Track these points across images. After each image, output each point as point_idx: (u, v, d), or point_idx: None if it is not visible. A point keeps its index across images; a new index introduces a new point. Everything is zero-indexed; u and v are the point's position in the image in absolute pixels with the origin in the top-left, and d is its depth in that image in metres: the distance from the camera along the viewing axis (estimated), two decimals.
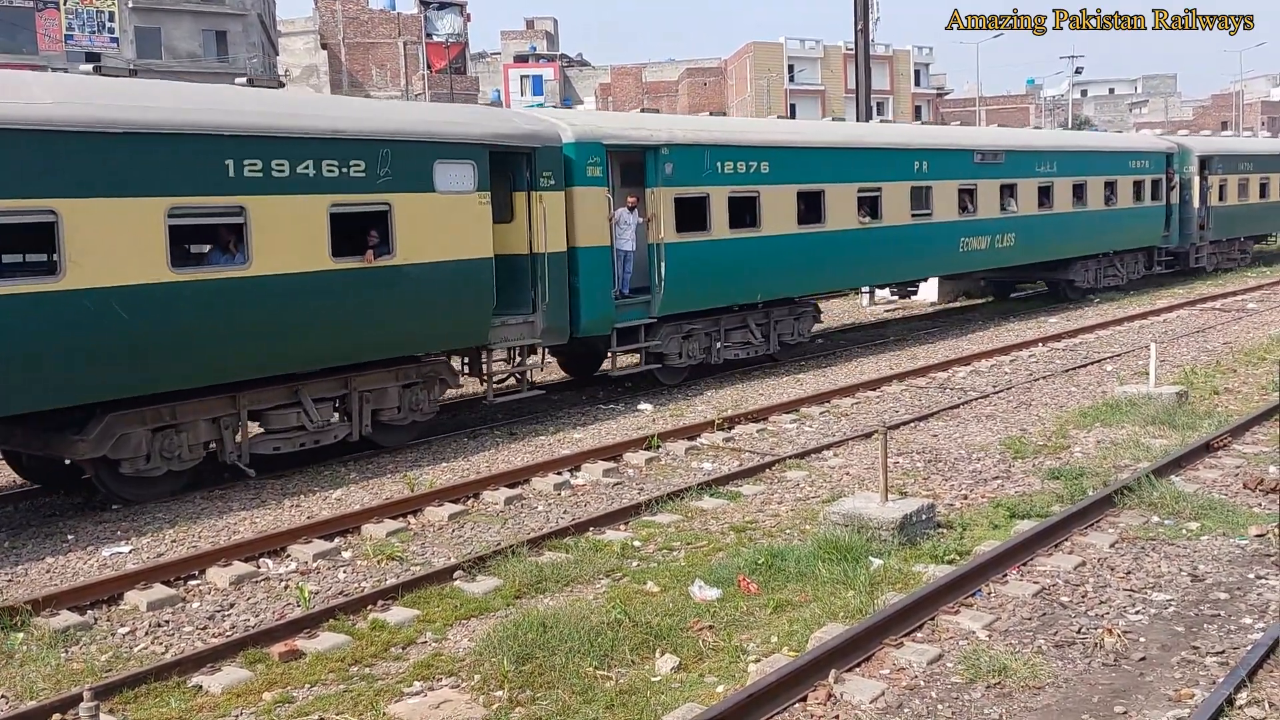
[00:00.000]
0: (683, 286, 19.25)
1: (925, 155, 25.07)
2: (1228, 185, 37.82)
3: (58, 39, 58.15)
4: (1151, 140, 37.61)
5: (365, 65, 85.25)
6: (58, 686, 8.15)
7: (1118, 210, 32.29)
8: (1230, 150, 39.66)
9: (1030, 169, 28.64)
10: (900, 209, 24.22)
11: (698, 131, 20.56)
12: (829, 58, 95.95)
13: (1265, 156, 41.74)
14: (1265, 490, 11.86)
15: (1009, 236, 27.55)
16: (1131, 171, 32.93)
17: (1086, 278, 31.77)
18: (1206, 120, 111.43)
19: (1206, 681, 7.53)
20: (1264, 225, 42.77)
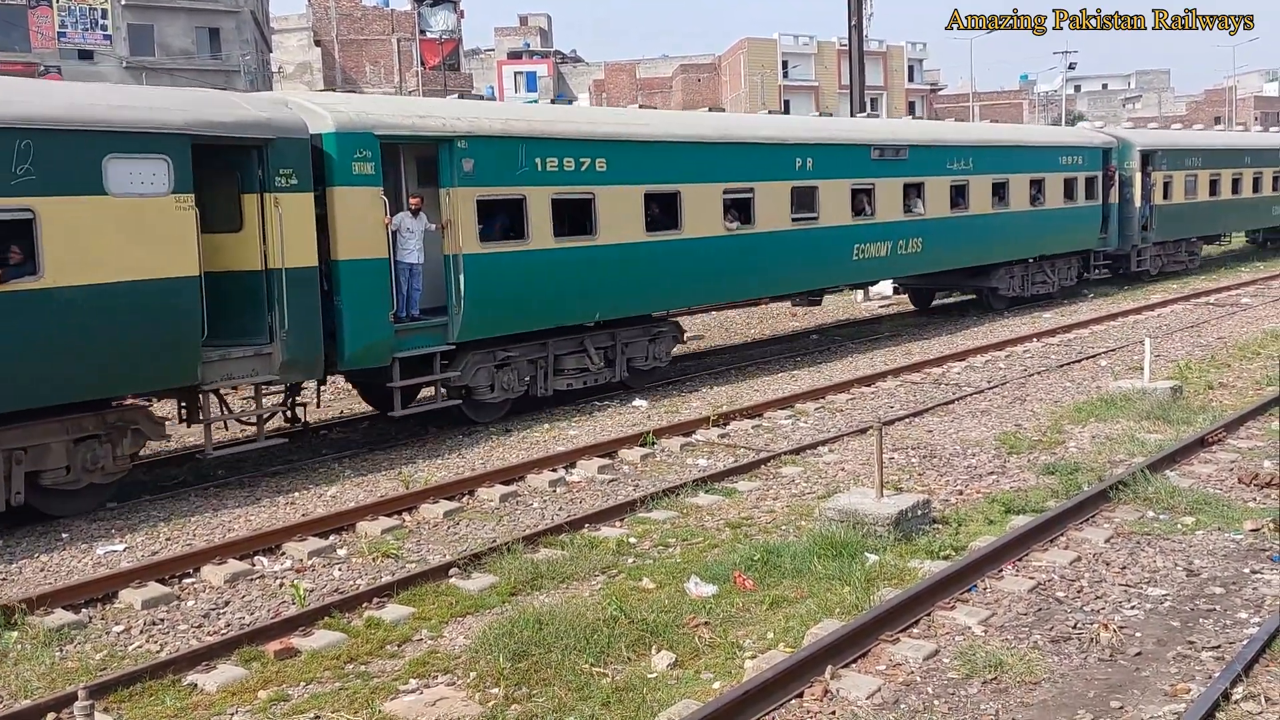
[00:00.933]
0: (490, 306, 16.13)
1: (810, 151, 22.12)
2: (1173, 182, 35.00)
3: (51, 36, 57.99)
4: (1085, 134, 34.34)
5: (359, 62, 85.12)
6: (52, 685, 8.14)
7: (1046, 211, 29.24)
8: (1176, 144, 36.56)
9: (940, 166, 25.62)
10: (778, 213, 21.32)
11: (509, 121, 17.13)
12: (823, 54, 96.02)
13: (1216, 151, 38.66)
14: (1260, 485, 11.88)
15: (915, 242, 24.56)
16: (1062, 168, 29.99)
17: (1011, 285, 28.90)
18: (1200, 115, 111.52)
19: (1202, 676, 7.53)
20: (1215, 225, 39.21)
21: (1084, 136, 33.28)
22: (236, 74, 61.82)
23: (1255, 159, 40.60)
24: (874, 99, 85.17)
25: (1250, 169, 39.84)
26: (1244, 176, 39.44)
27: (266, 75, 71.07)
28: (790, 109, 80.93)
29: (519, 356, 17.04)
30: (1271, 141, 44.65)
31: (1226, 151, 39.35)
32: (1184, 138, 40.20)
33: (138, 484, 13.96)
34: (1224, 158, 38.56)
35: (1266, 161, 41.31)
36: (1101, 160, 31.82)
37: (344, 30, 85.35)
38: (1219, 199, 37.86)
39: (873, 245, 23.61)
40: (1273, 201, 41.48)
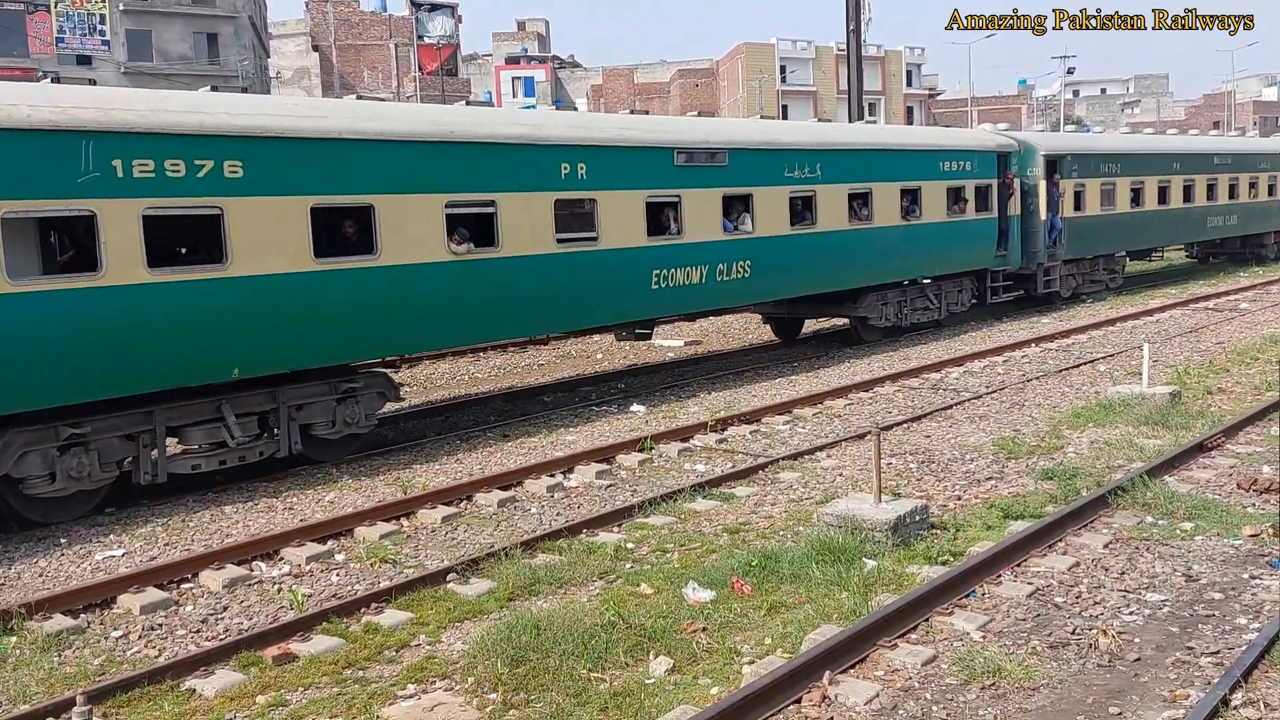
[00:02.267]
0: (38, 366, 11.84)
1: (584, 155, 17.58)
2: (1087, 192, 31.20)
3: (49, 42, 58.07)
4: (976, 136, 29.42)
5: (357, 67, 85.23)
6: (51, 691, 8.12)
7: (924, 226, 24.76)
8: (1088, 149, 32.64)
9: (774, 174, 21.22)
10: (535, 232, 16.66)
11: (64, 110, 12.10)
12: (821, 58, 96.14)
13: (1138, 156, 34.43)
14: (1259, 490, 11.87)
15: (741, 265, 20.26)
16: (945, 176, 25.45)
17: (885, 313, 24.67)
18: (1198, 120, 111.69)
19: (1201, 682, 7.53)
20: (1138, 239, 34.83)
21: (973, 139, 28.47)
22: (234, 79, 61.87)
23: (1187, 165, 36.18)
24: (872, 104, 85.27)
25: (1180, 176, 35.55)
26: (1173, 185, 35.20)
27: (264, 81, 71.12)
28: (788, 114, 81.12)
29: (100, 433, 12.74)
30: (1205, 146, 40.15)
31: (1151, 157, 35.16)
32: (1098, 141, 37.32)
33: (134, 490, 13.95)
34: (1149, 164, 34.52)
35: (1199, 168, 36.88)
36: (996, 167, 27.55)
37: (342, 35, 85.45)
38: (1143, 210, 33.89)
39: (680, 270, 19.09)
40: (1207, 212, 37.35)
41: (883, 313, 24.59)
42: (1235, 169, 38.70)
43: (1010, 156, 28.25)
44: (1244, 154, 40.19)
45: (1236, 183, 38.69)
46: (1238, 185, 38.79)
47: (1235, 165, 38.85)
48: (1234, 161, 38.91)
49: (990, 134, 29.65)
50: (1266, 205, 41.38)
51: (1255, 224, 41.02)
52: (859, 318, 24.38)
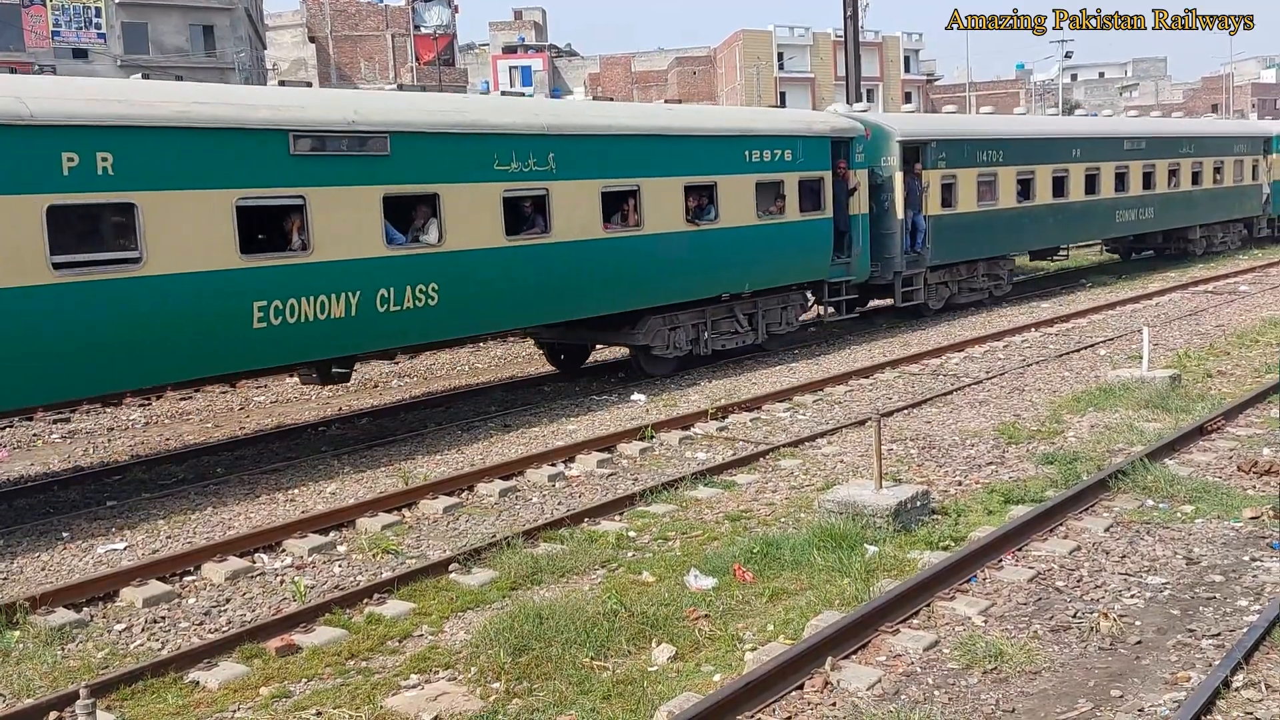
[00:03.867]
0: None
1: (116, 140, 12.17)
2: (959, 184, 25.95)
3: (45, 35, 57.97)
4: (796, 118, 23.49)
5: (353, 58, 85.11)
6: (54, 684, 8.14)
7: (723, 232, 19.79)
8: (959, 132, 26.98)
9: (477, 166, 15.87)
10: (22, 257, 11.48)
11: None
12: (818, 45, 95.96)
13: (1026, 141, 29.00)
14: (1259, 473, 11.88)
15: (422, 290, 15.09)
16: (752, 168, 20.50)
17: (674, 340, 19.60)
18: (1197, 103, 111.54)
19: (1203, 664, 7.54)
20: (1030, 238, 29.78)
21: (794, 122, 22.54)
22: (231, 71, 61.79)
23: (1090, 151, 31.19)
24: (870, 89, 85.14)
25: (1081, 164, 30.68)
26: (1072, 174, 30.24)
27: (261, 72, 71.02)
28: (786, 101, 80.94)
29: None
30: (1112, 128, 35.10)
31: (1044, 142, 29.90)
32: (974, 124, 31.21)
33: (136, 482, 13.98)
34: (1041, 150, 29.39)
35: (1106, 154, 31.97)
36: (829, 155, 22.30)
37: (338, 26, 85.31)
38: (1034, 205, 28.82)
39: (306, 301, 13.87)
40: (1115, 205, 32.41)
41: (670, 340, 19.53)
42: (1150, 155, 33.79)
43: (853, 143, 22.95)
44: (1161, 137, 35.23)
45: (1153, 171, 33.86)
46: (1154, 174, 33.93)
47: (1151, 151, 33.88)
48: (1149, 146, 33.91)
49: (822, 115, 24.34)
50: (1189, 196, 36.14)
51: (1176, 217, 35.85)
52: (640, 348, 19.40)
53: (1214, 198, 37.47)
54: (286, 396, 19.85)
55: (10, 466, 15.49)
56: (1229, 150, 38.26)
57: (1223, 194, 38.00)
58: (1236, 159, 38.60)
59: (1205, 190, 36.82)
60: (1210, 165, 36.91)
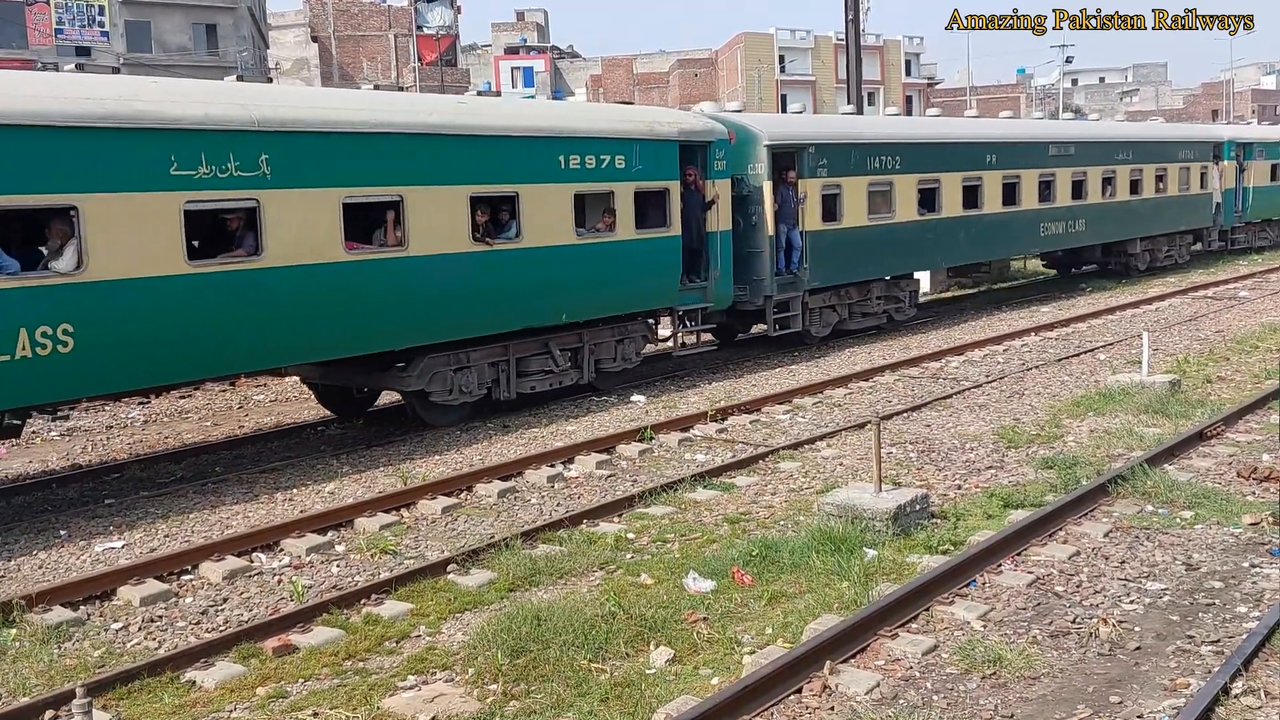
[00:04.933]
0: None
1: None
2: (845, 195, 22.54)
3: (48, 33, 57.90)
4: (631, 117, 19.41)
5: (356, 58, 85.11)
6: (51, 683, 8.11)
7: (527, 253, 16.48)
8: (843, 136, 23.44)
9: (141, 171, 12.48)
10: None
11: None
12: (820, 48, 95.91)
13: (927, 147, 25.36)
14: (1259, 479, 11.87)
15: (54, 335, 11.74)
16: (570, 176, 17.11)
17: (462, 384, 16.28)
18: (1197, 109, 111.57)
19: (1202, 671, 7.53)
20: (935, 255, 25.99)
21: (629, 121, 18.80)
22: (233, 71, 61.76)
23: (1009, 157, 27.57)
24: (871, 93, 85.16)
25: (998, 171, 27.07)
26: (986, 183, 26.66)
27: (263, 72, 70.98)
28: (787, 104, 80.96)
29: None
30: (1035, 132, 31.23)
31: (951, 147, 26.12)
32: (860, 126, 26.53)
33: (134, 481, 13.96)
34: (947, 156, 25.65)
35: (1028, 161, 28.46)
36: (678, 163, 18.99)
37: (341, 26, 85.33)
38: (940, 218, 25.19)
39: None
40: (1040, 217, 29.03)
41: (455, 383, 16.16)
42: (1081, 161, 30.48)
43: (710, 148, 19.54)
44: (1094, 142, 31.80)
45: (1084, 179, 30.50)
46: (1086, 182, 30.59)
47: (1081, 157, 30.57)
48: (1079, 152, 30.53)
49: (668, 114, 20.46)
50: (1128, 206, 32.61)
51: (1113, 230, 32.36)
52: (413, 392, 16.05)
53: (1157, 208, 34.06)
54: (286, 396, 19.83)
55: (9, 464, 15.47)
56: (1173, 156, 34.83)
57: (1167, 204, 34.55)
58: (1182, 166, 35.15)
59: (1146, 200, 33.46)
60: (1152, 173, 33.63)
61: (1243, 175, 38.74)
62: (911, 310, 25.49)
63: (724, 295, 20.24)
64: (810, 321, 22.48)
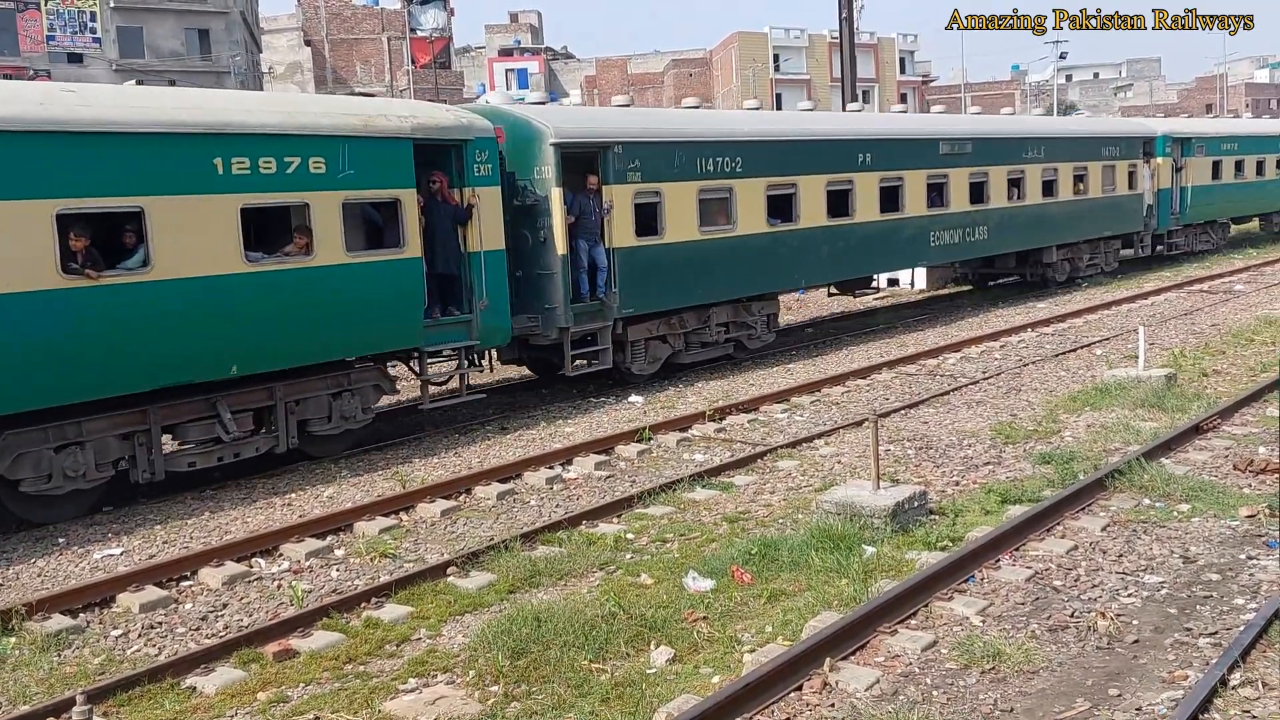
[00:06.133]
0: None
1: None
2: (667, 204, 18.89)
3: (39, 40, 57.94)
4: (338, 109, 15.28)
5: (349, 61, 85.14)
6: (51, 691, 8.13)
7: (160, 287, 12.74)
8: (662, 133, 19.47)
9: None
10: None
11: None
12: (814, 47, 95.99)
13: (774, 145, 21.37)
14: (1256, 471, 11.89)
15: None
16: (232, 185, 13.29)
17: (71, 467, 12.45)
18: (1191, 103, 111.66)
19: (1200, 663, 7.55)
20: (793, 272, 21.87)
21: (331, 114, 14.80)
22: (227, 75, 61.77)
23: (887, 157, 23.91)
24: (865, 91, 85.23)
25: (874, 173, 23.44)
26: (859, 187, 23.00)
27: (257, 76, 71.00)
28: (782, 103, 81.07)
29: None
30: (919, 127, 27.36)
31: (811, 145, 22.26)
32: (684, 122, 20.97)
33: (131, 488, 13.94)
34: (806, 156, 21.94)
35: (913, 160, 24.71)
36: (417, 164, 15.24)
37: (334, 30, 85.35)
38: (798, 228, 21.59)
39: None
40: (931, 224, 25.24)
41: (58, 466, 12.34)
42: (981, 160, 26.72)
43: (466, 147, 15.83)
44: (995, 138, 27.76)
45: (985, 181, 26.79)
46: (987, 184, 26.88)
47: (981, 155, 26.76)
48: (978, 150, 26.65)
49: (398, 106, 16.54)
50: (1042, 211, 29.13)
51: (1022, 237, 28.89)
52: None
53: (1077, 212, 30.47)
54: None
55: None
56: (1096, 154, 31.34)
57: (1089, 207, 30.99)
58: (1107, 164, 31.65)
59: (1063, 203, 29.85)
60: (1069, 172, 30.10)
61: (1179, 173, 35.22)
62: (769, 336, 21.82)
63: (498, 329, 16.45)
64: (630, 355, 18.98)
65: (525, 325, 17.30)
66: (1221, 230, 39.58)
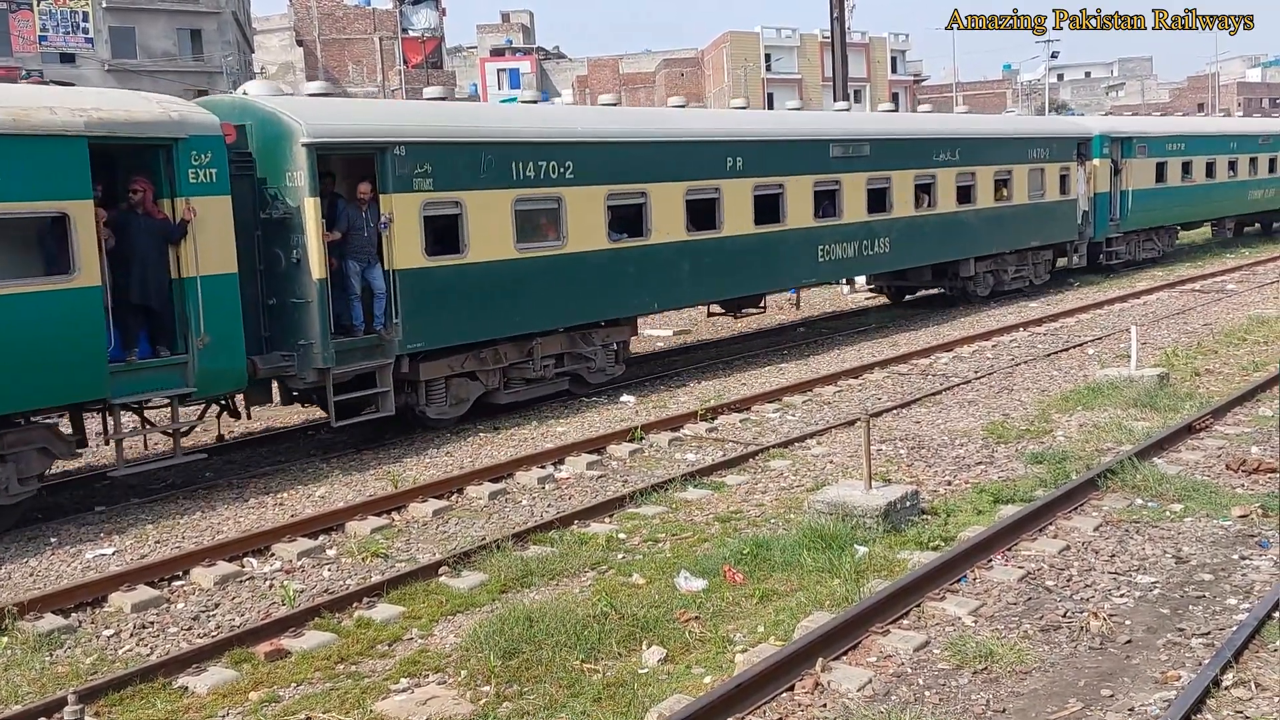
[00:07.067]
0: None
1: None
2: (470, 216, 15.86)
3: (32, 40, 57.76)
4: None
5: (341, 61, 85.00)
6: (42, 690, 8.11)
7: None
8: (461, 132, 16.29)
9: None
10: None
11: None
12: (805, 46, 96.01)
13: (619, 147, 18.39)
14: (1248, 471, 11.91)
15: None
16: None
17: None
18: (1183, 103, 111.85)
19: (1192, 663, 7.55)
20: (641, 296, 18.80)
21: None
22: (219, 75, 61.67)
23: (764, 161, 20.82)
24: (857, 90, 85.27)
25: (748, 179, 20.39)
26: (728, 195, 19.99)
27: (249, 76, 70.86)
28: (773, 102, 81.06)
29: None
30: (803, 126, 23.38)
31: (667, 148, 19.23)
32: (488, 118, 17.92)
33: (125, 487, 13.91)
34: (661, 160, 18.90)
35: (797, 164, 21.66)
36: (85, 172, 12.08)
37: (326, 30, 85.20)
38: (649, 244, 18.67)
39: None
40: (820, 236, 22.22)
41: None
42: (882, 164, 23.70)
43: (176, 148, 12.84)
44: (898, 140, 24.83)
45: (887, 187, 23.85)
46: (890, 191, 23.90)
47: (881, 158, 23.68)
48: (877, 152, 23.56)
49: (67, 97, 12.70)
50: (956, 220, 26.02)
51: (934, 249, 25.69)
52: None
53: (999, 220, 27.56)
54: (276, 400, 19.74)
55: None
56: (1021, 156, 28.35)
57: (1013, 214, 28.03)
58: (1034, 167, 28.73)
59: (983, 211, 26.88)
60: (989, 176, 27.00)
61: (1119, 176, 32.35)
62: (616, 368, 18.90)
63: (225, 373, 13.47)
64: (426, 397, 15.95)
65: (277, 365, 14.23)
66: (1168, 237, 36.56)
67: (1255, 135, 40.38)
